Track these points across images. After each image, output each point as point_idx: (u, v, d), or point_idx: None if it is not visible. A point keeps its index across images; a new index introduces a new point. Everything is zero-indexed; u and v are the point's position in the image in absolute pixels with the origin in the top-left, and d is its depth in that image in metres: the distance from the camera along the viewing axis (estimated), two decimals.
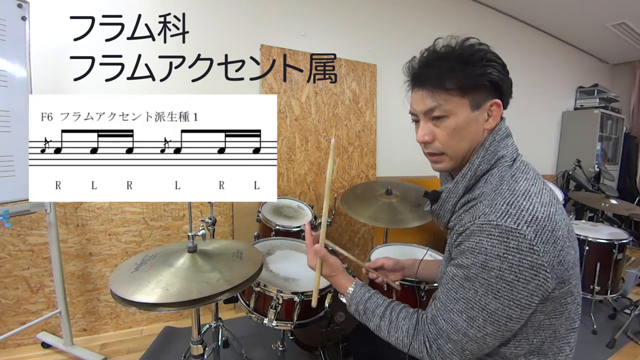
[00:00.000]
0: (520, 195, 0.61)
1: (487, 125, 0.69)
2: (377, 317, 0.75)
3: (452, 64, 0.65)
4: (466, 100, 0.66)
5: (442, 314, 0.65)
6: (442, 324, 0.65)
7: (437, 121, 0.68)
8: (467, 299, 0.61)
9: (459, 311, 0.62)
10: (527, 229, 0.57)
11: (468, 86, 0.65)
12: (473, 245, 0.60)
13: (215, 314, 1.58)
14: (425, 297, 1.29)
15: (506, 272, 0.57)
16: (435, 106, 0.67)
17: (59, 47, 1.54)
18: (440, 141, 0.69)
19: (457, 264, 0.64)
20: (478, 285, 0.60)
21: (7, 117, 1.25)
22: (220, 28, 1.94)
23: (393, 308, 0.75)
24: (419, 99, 0.70)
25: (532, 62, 3.56)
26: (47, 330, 1.70)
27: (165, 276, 0.82)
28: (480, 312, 0.60)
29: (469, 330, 0.61)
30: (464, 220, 0.66)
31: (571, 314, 0.66)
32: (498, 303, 0.58)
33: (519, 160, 0.69)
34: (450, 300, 0.64)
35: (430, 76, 0.67)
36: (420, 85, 0.70)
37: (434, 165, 0.74)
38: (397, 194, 1.77)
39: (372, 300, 0.78)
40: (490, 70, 0.65)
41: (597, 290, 2.03)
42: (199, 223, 1.40)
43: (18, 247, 1.61)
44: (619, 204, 2.43)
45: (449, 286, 0.65)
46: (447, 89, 0.65)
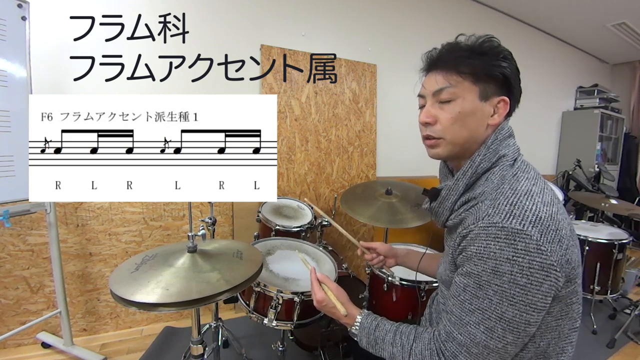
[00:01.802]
0: (523, 195, 0.60)
1: (491, 120, 0.69)
2: (388, 344, 0.72)
3: (469, 53, 0.67)
4: (477, 88, 0.66)
5: (459, 328, 0.62)
6: (460, 339, 0.62)
7: (443, 104, 0.68)
8: (483, 309, 0.59)
9: (476, 323, 0.60)
10: (533, 229, 0.56)
11: (481, 74, 0.66)
12: (480, 250, 0.59)
13: (215, 314, 1.58)
14: (425, 297, 1.30)
15: (518, 275, 0.56)
16: (446, 86, 0.67)
17: (59, 47, 1.54)
18: (442, 124, 0.69)
19: (466, 273, 0.62)
20: (492, 293, 0.58)
21: (7, 117, 1.25)
22: (220, 28, 1.94)
23: (402, 332, 0.72)
24: (431, 79, 0.70)
25: (532, 62, 3.56)
26: (47, 330, 1.70)
27: (165, 276, 0.82)
28: (497, 321, 0.58)
29: (489, 341, 0.59)
30: (466, 221, 0.65)
31: (574, 314, 0.66)
32: (515, 310, 0.57)
33: (520, 159, 0.69)
34: (465, 312, 0.62)
35: (447, 59, 0.69)
36: (435, 67, 0.71)
37: (430, 150, 0.74)
38: (397, 194, 1.77)
39: (379, 328, 0.75)
40: (505, 65, 0.66)
41: (597, 290, 2.03)
42: (199, 223, 1.40)
43: (18, 247, 1.61)
44: (619, 204, 2.43)
45: (461, 298, 0.63)
46: (460, 72, 0.66)
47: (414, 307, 1.33)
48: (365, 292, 1.50)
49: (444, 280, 0.76)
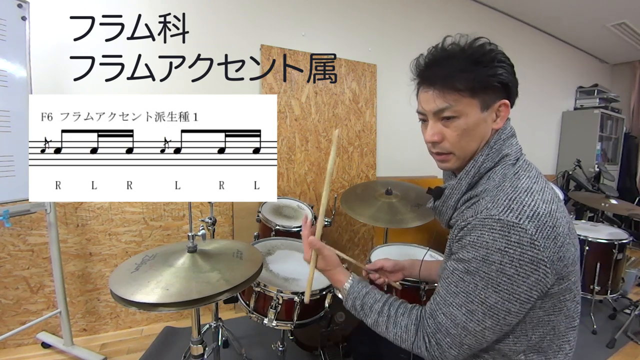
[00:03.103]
0: (523, 192, 0.61)
1: (495, 125, 0.69)
2: (374, 312, 0.74)
3: (462, 64, 0.64)
4: (476, 101, 0.65)
5: (442, 308, 0.65)
6: (441, 318, 0.65)
7: (447, 121, 0.67)
8: (467, 292, 0.62)
9: (459, 305, 0.62)
10: (529, 223, 0.57)
11: (478, 87, 0.64)
12: (474, 240, 0.61)
13: (215, 314, 1.58)
14: (425, 297, 1.29)
15: (507, 265, 0.57)
16: (446, 107, 0.66)
17: (59, 47, 1.54)
18: (450, 141, 0.68)
19: (457, 258, 0.64)
20: (478, 279, 0.60)
21: (7, 117, 1.25)
22: (220, 28, 1.94)
23: (391, 304, 0.75)
24: (429, 98, 0.68)
25: (532, 62, 3.56)
26: (47, 330, 1.70)
27: (165, 276, 0.82)
28: (479, 305, 0.60)
29: (468, 323, 0.62)
30: (465, 215, 0.66)
31: (570, 312, 0.67)
32: (498, 297, 0.59)
33: (522, 159, 0.69)
34: (449, 294, 0.64)
35: (440, 76, 0.66)
36: (429, 85, 0.68)
37: (441, 164, 0.74)
38: (397, 194, 1.77)
39: (369, 295, 0.77)
40: (501, 72, 0.65)
41: (597, 290, 2.03)
42: (199, 223, 1.40)
43: (18, 247, 1.61)
44: (619, 204, 2.43)
45: (448, 280, 0.65)
46: (457, 89, 0.64)
47: None
48: None
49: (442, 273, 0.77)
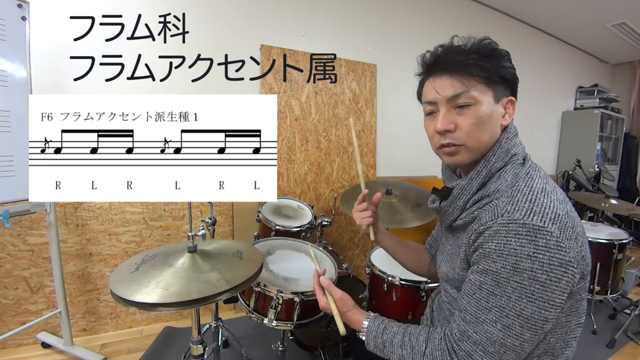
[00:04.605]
0: (540, 193, 0.60)
1: (503, 121, 0.68)
2: (396, 346, 0.70)
3: (476, 55, 0.65)
4: (490, 90, 0.65)
5: (474, 327, 0.61)
6: (475, 337, 0.60)
7: (461, 109, 0.65)
8: (500, 306, 0.58)
9: (493, 321, 0.59)
10: (553, 226, 0.56)
11: (493, 76, 0.65)
12: (500, 247, 0.58)
13: (215, 314, 1.58)
14: (425, 297, 1.30)
15: (538, 272, 0.55)
16: (464, 91, 0.64)
17: (59, 47, 1.54)
18: (464, 130, 0.66)
19: (482, 270, 0.61)
20: (510, 290, 0.57)
21: (7, 117, 1.25)
22: (220, 28, 1.94)
23: (411, 333, 0.71)
24: (443, 84, 0.66)
25: (532, 62, 3.56)
26: (47, 330, 1.70)
27: (165, 276, 0.82)
28: (516, 318, 0.57)
29: (506, 339, 0.58)
30: (482, 218, 0.63)
31: (581, 310, 0.66)
32: (534, 306, 0.56)
33: (528, 159, 0.70)
34: (481, 310, 0.60)
35: (456, 61, 0.65)
36: (443, 70, 0.67)
37: (449, 158, 0.70)
38: (397, 194, 1.77)
39: (387, 330, 0.73)
40: (510, 66, 0.67)
41: (597, 290, 2.03)
42: (199, 223, 1.40)
43: (18, 247, 1.61)
44: (619, 204, 2.43)
45: (477, 296, 0.61)
46: (474, 75, 0.64)
47: (414, 307, 1.33)
48: (365, 292, 1.50)
49: (450, 280, 0.76)
